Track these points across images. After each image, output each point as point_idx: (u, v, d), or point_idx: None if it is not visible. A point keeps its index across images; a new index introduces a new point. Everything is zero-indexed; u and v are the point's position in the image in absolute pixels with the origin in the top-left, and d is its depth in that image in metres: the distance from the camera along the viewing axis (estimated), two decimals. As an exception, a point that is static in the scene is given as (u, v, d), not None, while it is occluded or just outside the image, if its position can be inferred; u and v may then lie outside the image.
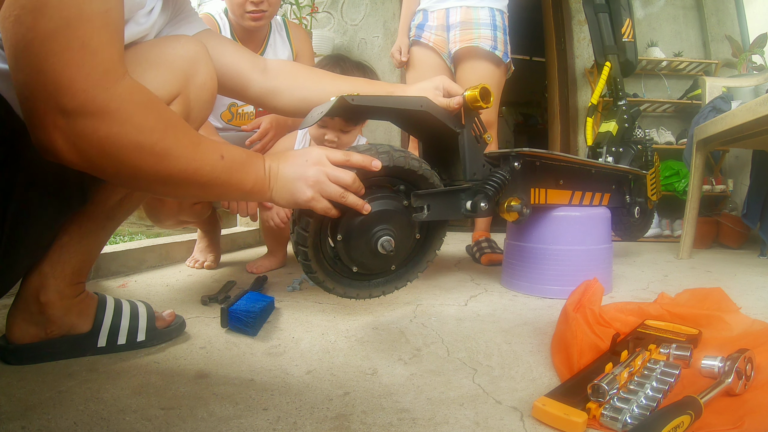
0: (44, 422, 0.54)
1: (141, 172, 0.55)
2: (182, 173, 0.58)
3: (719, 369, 0.59)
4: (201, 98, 0.74)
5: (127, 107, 0.52)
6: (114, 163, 0.53)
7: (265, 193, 0.68)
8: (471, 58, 1.64)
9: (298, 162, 0.69)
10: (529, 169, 1.06)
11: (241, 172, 0.65)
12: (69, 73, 0.48)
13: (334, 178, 0.69)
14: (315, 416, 0.56)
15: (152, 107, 0.55)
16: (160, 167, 0.56)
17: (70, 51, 0.48)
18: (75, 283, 0.73)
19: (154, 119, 0.55)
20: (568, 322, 0.76)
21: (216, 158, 0.61)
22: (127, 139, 0.52)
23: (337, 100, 0.71)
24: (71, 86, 0.48)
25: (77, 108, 0.49)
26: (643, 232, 1.82)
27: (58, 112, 0.49)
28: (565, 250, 1.16)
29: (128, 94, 0.52)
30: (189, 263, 1.57)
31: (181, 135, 0.58)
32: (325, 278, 0.80)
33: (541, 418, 0.55)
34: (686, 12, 3.04)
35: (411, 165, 0.79)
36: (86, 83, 0.49)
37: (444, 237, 0.92)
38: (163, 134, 0.56)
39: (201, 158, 0.60)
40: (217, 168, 0.61)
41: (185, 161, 0.58)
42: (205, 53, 0.75)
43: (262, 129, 1.44)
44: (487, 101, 0.84)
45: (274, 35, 1.56)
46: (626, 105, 1.82)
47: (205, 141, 0.62)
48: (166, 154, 0.56)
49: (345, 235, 0.76)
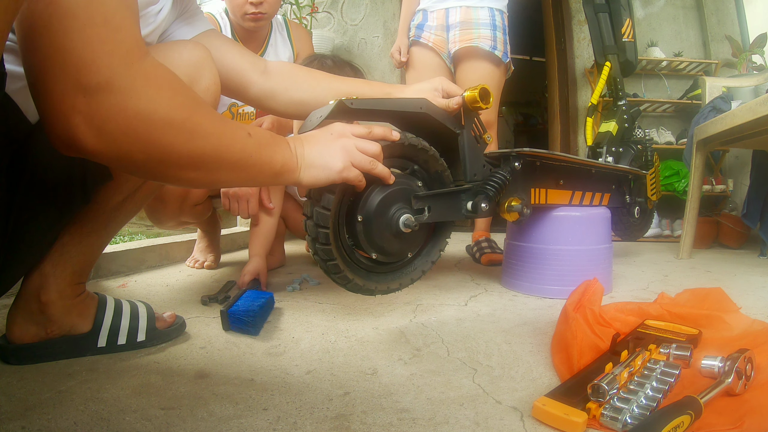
0: (44, 422, 0.54)
1: (173, 154, 0.52)
2: (214, 152, 0.55)
3: (719, 369, 0.59)
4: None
5: (154, 83, 0.49)
6: (143, 146, 0.50)
7: (295, 172, 0.65)
8: (471, 58, 1.64)
9: (322, 138, 0.68)
10: (530, 169, 1.06)
11: (270, 149, 0.62)
12: (92, 49, 0.45)
13: (362, 148, 0.69)
14: (315, 416, 0.56)
15: (178, 84, 0.53)
16: (192, 146, 0.53)
17: (93, 27, 0.45)
18: (76, 283, 0.73)
19: (182, 96, 0.53)
20: (568, 322, 0.76)
21: (244, 135, 0.59)
22: (157, 116, 0.49)
23: (336, 103, 0.71)
24: (94, 62, 0.45)
25: (101, 84, 0.46)
26: (643, 231, 1.82)
27: (80, 91, 0.45)
28: (565, 250, 1.16)
29: (154, 70, 0.50)
30: (189, 263, 1.57)
31: (208, 112, 0.56)
32: (344, 267, 0.78)
33: (541, 418, 0.55)
34: (686, 12, 3.04)
35: (423, 144, 0.81)
36: (111, 59, 0.46)
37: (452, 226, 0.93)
38: (193, 111, 0.53)
39: (231, 135, 0.57)
40: (248, 145, 0.59)
41: (216, 138, 0.55)
42: (209, 58, 0.75)
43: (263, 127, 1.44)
44: (486, 102, 0.84)
45: (275, 35, 1.56)
46: (626, 105, 1.82)
47: (230, 120, 0.59)
48: (196, 131, 0.53)
49: (366, 216, 0.75)
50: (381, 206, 0.75)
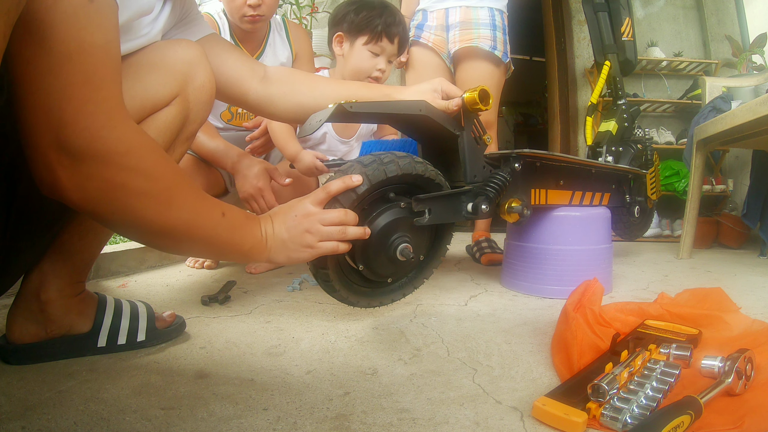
0: (44, 422, 0.54)
1: (145, 222, 0.54)
2: (185, 226, 0.57)
3: (719, 369, 0.59)
4: (200, 99, 0.75)
5: (134, 150, 0.50)
6: (118, 210, 0.51)
7: (263, 253, 0.68)
8: (470, 58, 1.64)
9: (288, 220, 0.70)
10: (530, 169, 1.06)
11: (240, 232, 0.65)
12: (72, 110, 0.46)
13: (328, 221, 0.71)
14: (315, 416, 0.56)
15: (158, 152, 0.54)
16: (164, 217, 0.55)
17: (73, 86, 0.46)
18: (75, 282, 0.73)
19: (162, 166, 0.54)
20: (568, 322, 0.76)
21: (218, 214, 0.61)
22: (135, 185, 0.51)
23: (335, 107, 0.71)
24: (76, 124, 0.46)
25: (83, 148, 0.47)
26: (642, 231, 1.82)
27: (62, 151, 0.46)
28: (565, 250, 1.16)
29: (135, 135, 0.51)
30: (189, 263, 1.57)
31: (186, 186, 0.57)
32: (348, 294, 0.83)
33: (541, 418, 0.55)
34: (686, 12, 3.04)
35: (429, 173, 0.81)
36: (92, 121, 0.47)
37: (452, 231, 0.94)
38: (171, 182, 0.55)
39: (204, 213, 0.59)
40: (220, 225, 0.61)
41: (189, 213, 0.57)
42: (203, 56, 0.75)
43: (262, 127, 1.45)
44: (486, 103, 0.84)
45: (274, 35, 1.56)
46: (626, 104, 1.82)
47: (207, 196, 0.61)
48: (171, 203, 0.55)
49: (365, 263, 0.79)
50: (375, 251, 0.78)
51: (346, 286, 0.81)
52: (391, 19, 1.30)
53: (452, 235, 0.94)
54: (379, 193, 0.80)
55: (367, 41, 1.28)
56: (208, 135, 1.32)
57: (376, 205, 0.80)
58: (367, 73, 1.33)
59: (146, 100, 0.65)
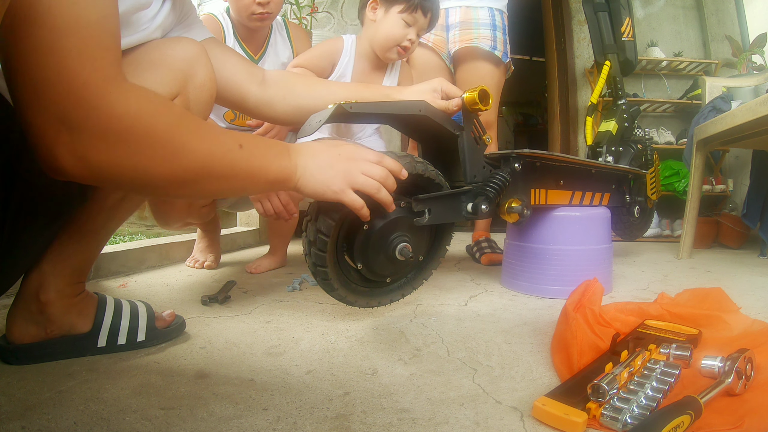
0: (44, 422, 0.54)
1: (157, 175, 0.53)
2: (200, 168, 0.55)
3: (719, 369, 0.59)
4: (200, 98, 0.74)
5: (132, 110, 0.49)
6: (127, 171, 0.51)
7: (291, 181, 0.65)
8: (470, 59, 1.64)
9: (331, 153, 0.68)
10: (530, 169, 1.06)
11: (263, 159, 0.62)
12: (66, 83, 0.45)
13: (367, 172, 0.68)
14: (315, 416, 0.56)
15: (158, 105, 0.53)
16: (177, 164, 0.53)
17: (66, 59, 0.45)
18: (75, 283, 0.73)
19: (163, 117, 0.52)
20: (568, 322, 0.76)
21: (234, 147, 0.58)
22: (137, 143, 0.50)
23: (335, 108, 0.71)
24: (70, 97, 0.46)
25: (80, 120, 0.46)
26: (642, 231, 1.82)
27: (61, 125, 0.46)
28: (565, 250, 1.16)
29: (131, 95, 0.50)
30: (189, 263, 1.57)
31: (193, 126, 0.56)
32: (347, 293, 0.82)
33: (541, 418, 0.55)
34: (686, 12, 3.04)
35: (429, 173, 0.82)
36: (86, 92, 0.46)
37: (453, 231, 0.94)
38: (175, 131, 0.53)
39: (218, 149, 0.57)
40: (236, 158, 0.58)
41: (201, 155, 0.55)
42: (204, 54, 0.75)
43: (264, 126, 1.44)
44: (485, 103, 0.84)
45: (275, 35, 1.56)
46: (626, 104, 1.82)
47: (221, 131, 0.59)
48: (180, 149, 0.53)
49: (365, 262, 0.79)
50: (375, 250, 0.78)
51: (344, 285, 0.80)
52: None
53: (452, 236, 0.94)
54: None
55: (402, 9, 1.29)
56: None
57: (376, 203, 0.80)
58: (398, 41, 1.33)
59: None
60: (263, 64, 1.53)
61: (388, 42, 1.33)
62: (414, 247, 0.80)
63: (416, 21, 1.31)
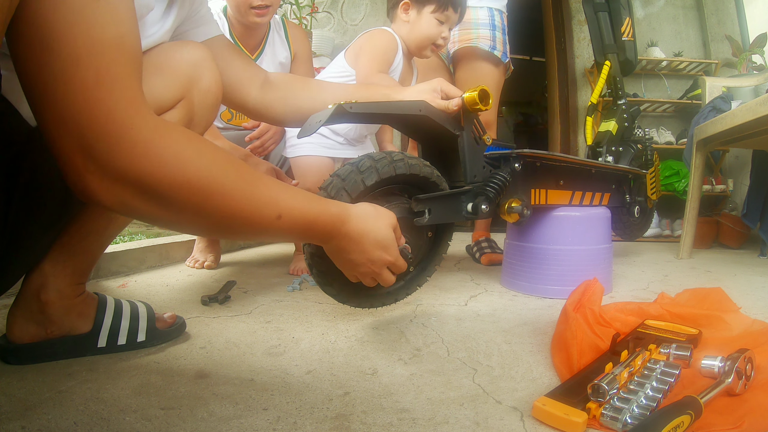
0: (44, 422, 0.54)
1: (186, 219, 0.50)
2: (237, 214, 0.51)
3: (719, 369, 0.59)
4: (205, 103, 0.74)
5: (159, 137, 0.46)
6: (154, 210, 0.48)
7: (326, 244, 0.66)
8: (470, 58, 1.64)
9: (369, 238, 0.67)
10: (530, 169, 1.06)
11: (298, 234, 0.60)
12: (87, 115, 0.43)
13: (395, 267, 0.72)
14: (315, 416, 0.56)
15: (186, 135, 0.50)
16: (208, 214, 0.50)
17: (85, 90, 0.43)
18: (76, 284, 0.73)
19: (194, 148, 0.49)
20: (568, 322, 0.76)
21: (273, 217, 0.55)
22: (165, 174, 0.46)
23: (335, 108, 0.72)
24: (94, 130, 0.43)
25: (105, 154, 0.44)
26: (642, 231, 1.82)
27: (88, 157, 0.44)
28: (565, 250, 1.16)
29: (157, 122, 0.47)
30: (189, 263, 1.57)
31: (231, 168, 0.51)
32: (349, 298, 0.83)
33: (541, 418, 0.55)
34: (686, 12, 3.04)
35: (424, 172, 0.82)
36: (109, 121, 0.44)
37: (452, 230, 0.94)
38: (210, 165, 0.49)
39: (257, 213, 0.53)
40: (272, 227, 0.55)
41: (239, 200, 0.51)
42: (210, 58, 0.74)
43: (261, 127, 1.44)
44: (485, 103, 0.84)
45: (273, 34, 1.55)
46: (626, 104, 1.82)
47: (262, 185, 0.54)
48: (210, 198, 0.49)
49: None
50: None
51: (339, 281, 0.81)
52: None
53: (448, 244, 0.94)
54: (382, 191, 0.81)
55: (434, 9, 1.32)
56: (211, 136, 1.32)
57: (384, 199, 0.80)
58: (434, 40, 1.35)
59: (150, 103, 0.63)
60: (260, 64, 1.52)
61: (424, 41, 1.36)
62: (413, 242, 0.80)
63: (448, 18, 1.34)
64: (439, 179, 0.86)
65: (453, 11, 1.35)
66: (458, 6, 1.35)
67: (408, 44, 1.38)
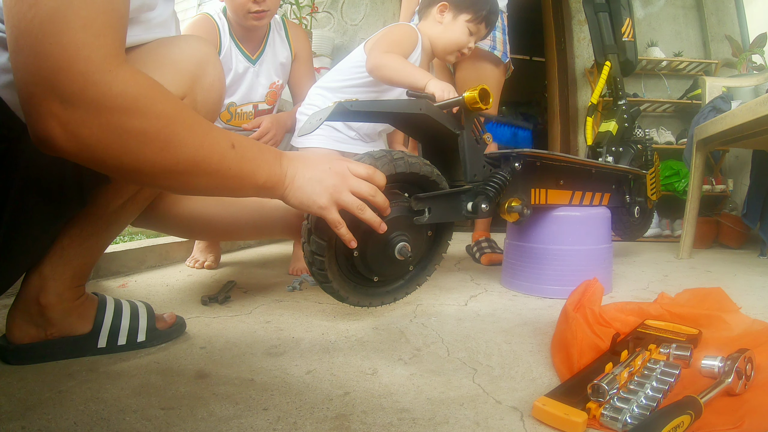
0: (44, 422, 0.54)
1: (145, 163, 0.52)
2: (189, 162, 0.54)
3: (719, 369, 0.59)
4: (209, 100, 0.73)
5: (130, 91, 0.49)
6: (116, 154, 0.50)
7: (278, 189, 0.65)
8: (470, 58, 1.63)
9: (321, 167, 0.67)
10: (530, 169, 1.06)
11: (254, 163, 0.61)
12: (68, 55, 0.45)
13: (356, 189, 0.68)
14: (315, 416, 0.56)
15: (156, 90, 0.52)
16: (166, 155, 0.52)
17: (71, 32, 0.45)
18: (75, 286, 0.73)
19: (161, 103, 0.52)
20: (568, 322, 0.76)
21: (226, 147, 0.58)
22: (130, 125, 0.49)
23: (335, 106, 0.72)
24: (70, 69, 0.45)
25: (76, 93, 0.46)
26: (642, 231, 1.82)
27: (56, 97, 0.45)
28: (565, 250, 1.16)
29: (131, 77, 0.49)
30: (189, 263, 1.57)
31: (189, 121, 0.55)
32: (348, 294, 0.83)
33: (541, 418, 0.55)
34: (686, 12, 3.04)
35: (424, 171, 0.82)
36: (86, 66, 0.46)
37: (452, 230, 0.94)
38: (170, 118, 0.52)
39: (210, 146, 0.56)
40: (227, 157, 0.58)
41: (192, 149, 0.54)
42: (214, 53, 0.73)
43: (262, 128, 1.44)
44: (486, 102, 0.84)
45: (273, 35, 1.55)
46: (626, 104, 1.82)
47: (215, 129, 0.58)
48: (171, 141, 0.52)
49: (361, 251, 0.78)
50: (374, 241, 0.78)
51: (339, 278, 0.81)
52: (495, 8, 1.37)
53: (448, 244, 0.94)
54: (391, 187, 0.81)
55: (471, 19, 1.33)
56: None
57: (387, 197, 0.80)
58: (461, 47, 1.37)
59: None
60: (261, 64, 1.52)
61: (452, 46, 1.36)
62: (413, 248, 0.80)
63: (479, 31, 1.36)
64: (439, 178, 0.86)
65: (485, 26, 1.37)
66: (490, 24, 1.38)
67: (435, 45, 1.38)
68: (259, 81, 1.53)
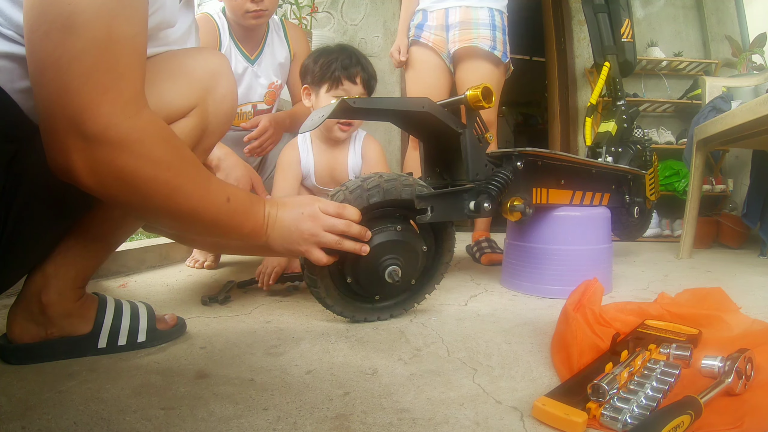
0: (44, 422, 0.54)
1: (151, 205, 0.57)
2: (190, 210, 0.60)
3: (719, 369, 0.59)
4: (220, 111, 0.74)
5: (147, 139, 0.53)
6: (127, 193, 0.54)
7: (261, 237, 0.72)
8: (470, 58, 1.64)
9: (294, 213, 0.74)
10: (531, 168, 1.06)
11: (243, 216, 0.68)
12: (94, 96, 0.48)
13: (330, 227, 0.75)
14: (315, 416, 0.56)
15: (170, 142, 0.57)
16: (171, 202, 0.57)
17: (98, 73, 0.48)
18: (77, 287, 0.73)
19: (172, 155, 0.56)
20: (568, 322, 0.76)
21: (222, 200, 0.64)
22: (143, 172, 0.53)
23: (338, 102, 0.72)
24: (95, 110, 0.48)
25: (99, 134, 0.49)
26: (641, 231, 1.82)
27: (79, 135, 0.48)
28: (565, 250, 1.16)
29: (150, 125, 0.53)
30: (189, 263, 1.57)
31: (194, 173, 0.60)
32: (343, 309, 0.87)
33: (541, 418, 0.55)
34: (686, 12, 3.04)
35: (404, 194, 0.82)
36: (110, 108, 0.49)
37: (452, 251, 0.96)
38: (178, 171, 0.57)
39: (209, 198, 0.62)
40: (222, 210, 0.64)
41: (195, 200, 0.60)
42: (227, 66, 0.75)
43: (260, 127, 1.44)
44: (488, 100, 0.84)
45: (272, 35, 1.55)
46: (625, 105, 1.82)
47: (215, 182, 0.64)
48: (178, 190, 0.57)
49: (354, 277, 0.83)
50: (365, 268, 0.82)
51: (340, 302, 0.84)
52: (348, 61, 1.23)
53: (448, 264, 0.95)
54: (381, 212, 0.82)
55: (328, 88, 1.25)
56: None
57: (374, 223, 0.81)
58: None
59: (161, 109, 0.63)
60: (259, 64, 1.52)
61: (329, 124, 1.28)
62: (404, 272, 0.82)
63: (347, 92, 1.23)
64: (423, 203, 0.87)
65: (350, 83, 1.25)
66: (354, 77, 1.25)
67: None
68: (258, 81, 1.53)
